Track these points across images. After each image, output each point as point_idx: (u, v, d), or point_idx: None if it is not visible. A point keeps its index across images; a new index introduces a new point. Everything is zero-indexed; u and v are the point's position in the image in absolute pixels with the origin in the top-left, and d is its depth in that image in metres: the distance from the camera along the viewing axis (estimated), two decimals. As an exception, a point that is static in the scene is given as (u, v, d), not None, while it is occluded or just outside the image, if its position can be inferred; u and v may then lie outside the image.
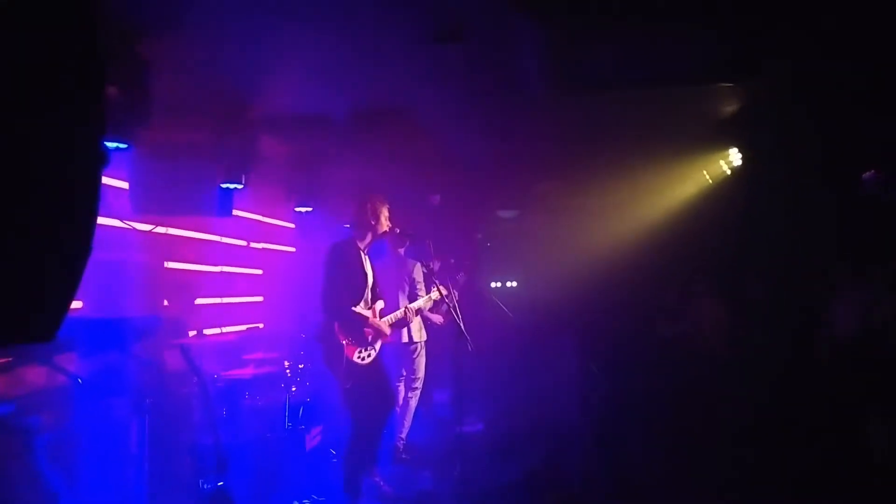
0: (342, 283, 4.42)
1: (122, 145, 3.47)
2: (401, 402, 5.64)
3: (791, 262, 5.79)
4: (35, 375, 3.18)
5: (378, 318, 4.54)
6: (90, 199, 1.34)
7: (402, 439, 5.60)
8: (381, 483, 4.66)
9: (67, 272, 1.33)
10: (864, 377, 4.46)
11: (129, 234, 4.86)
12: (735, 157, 6.56)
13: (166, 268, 5.54)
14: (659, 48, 4.02)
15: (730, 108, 5.21)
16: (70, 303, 1.34)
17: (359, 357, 4.37)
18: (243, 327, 6.28)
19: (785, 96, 4.74)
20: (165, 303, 5.15)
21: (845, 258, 4.90)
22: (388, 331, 4.57)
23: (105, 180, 4.72)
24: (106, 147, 1.39)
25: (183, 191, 4.79)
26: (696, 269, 7.04)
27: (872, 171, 5.05)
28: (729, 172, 6.85)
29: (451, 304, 4.69)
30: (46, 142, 1.20)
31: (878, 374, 4.38)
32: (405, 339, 5.60)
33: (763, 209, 6.11)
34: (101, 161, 1.36)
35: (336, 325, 4.35)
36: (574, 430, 5.85)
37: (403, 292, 5.59)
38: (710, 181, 7.18)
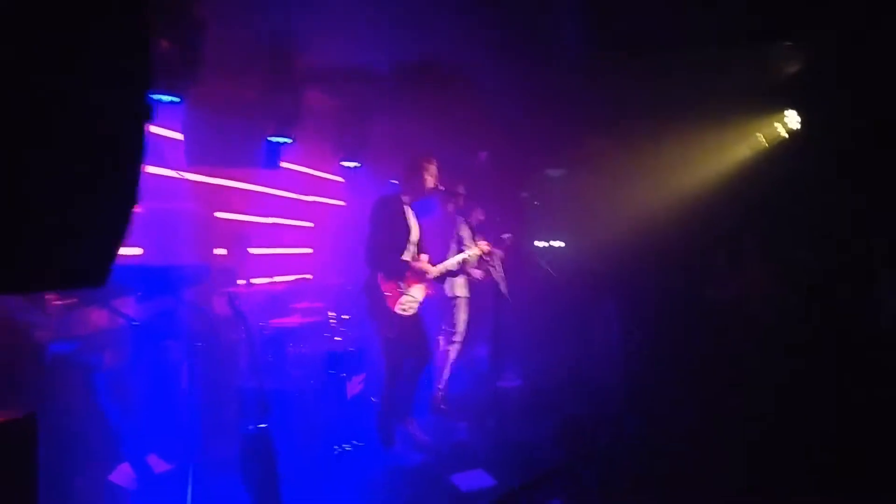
0: (386, 237, 4.53)
1: (175, 99, 3.58)
2: (441, 353, 5.78)
3: (844, 229, 5.56)
4: (97, 317, 3.41)
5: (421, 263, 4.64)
6: (134, 152, 1.40)
7: (441, 390, 5.75)
8: (418, 432, 4.82)
9: (114, 222, 1.41)
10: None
11: (184, 185, 5.04)
12: (792, 119, 6.28)
13: (218, 218, 5.73)
14: (713, 4, 3.84)
15: (789, 68, 4.97)
16: (117, 251, 1.42)
17: (401, 308, 4.49)
18: (292, 278, 6.48)
19: (846, 57, 4.48)
20: (223, 251, 5.34)
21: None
22: (431, 273, 4.65)
23: (161, 132, 4.89)
24: (150, 100, 1.44)
25: (233, 143, 4.93)
26: (746, 234, 6.84)
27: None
28: (786, 135, 6.57)
29: (491, 265, 4.75)
30: (90, 94, 1.26)
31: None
32: (448, 292, 5.70)
33: (818, 174, 5.85)
34: (144, 114, 1.42)
35: (379, 276, 4.48)
36: (610, 391, 5.88)
37: (449, 249, 5.67)
38: (766, 144, 6.90)
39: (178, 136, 4.95)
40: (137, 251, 4.37)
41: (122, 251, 1.40)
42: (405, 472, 4.36)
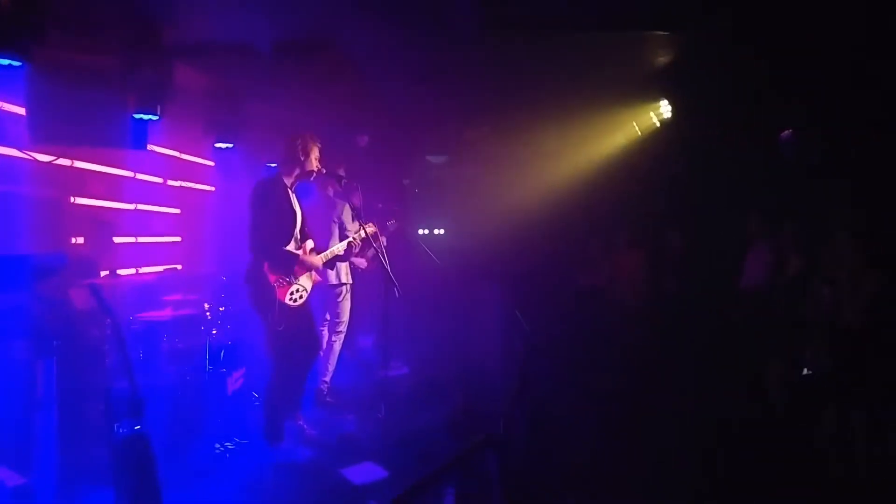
0: (271, 222, 4.25)
1: (14, 62, 3.10)
2: (325, 346, 5.57)
3: (710, 217, 6.01)
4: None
5: (309, 256, 4.43)
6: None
7: (326, 383, 5.56)
8: (305, 426, 4.63)
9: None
10: (768, 327, 4.75)
11: (28, 166, 4.45)
12: (665, 109, 6.62)
13: (74, 203, 5.15)
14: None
15: (663, 58, 5.24)
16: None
17: (290, 299, 4.25)
18: (160, 268, 5.99)
19: (715, 49, 4.79)
20: (80, 240, 4.80)
21: (759, 215, 5.12)
22: (320, 265, 4.46)
23: (-1, 104, 4.27)
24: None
25: (90, 120, 4.39)
26: (618, 221, 7.22)
27: (790, 130, 5.22)
28: (658, 125, 6.93)
29: (378, 249, 4.63)
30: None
31: (780, 326, 4.67)
32: (332, 280, 5.50)
33: (687, 163, 6.27)
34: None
35: (266, 265, 4.20)
36: (496, 376, 5.98)
37: (333, 233, 5.49)
38: (640, 133, 7.27)
39: (19, 109, 4.35)
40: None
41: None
42: (293, 468, 4.17)
